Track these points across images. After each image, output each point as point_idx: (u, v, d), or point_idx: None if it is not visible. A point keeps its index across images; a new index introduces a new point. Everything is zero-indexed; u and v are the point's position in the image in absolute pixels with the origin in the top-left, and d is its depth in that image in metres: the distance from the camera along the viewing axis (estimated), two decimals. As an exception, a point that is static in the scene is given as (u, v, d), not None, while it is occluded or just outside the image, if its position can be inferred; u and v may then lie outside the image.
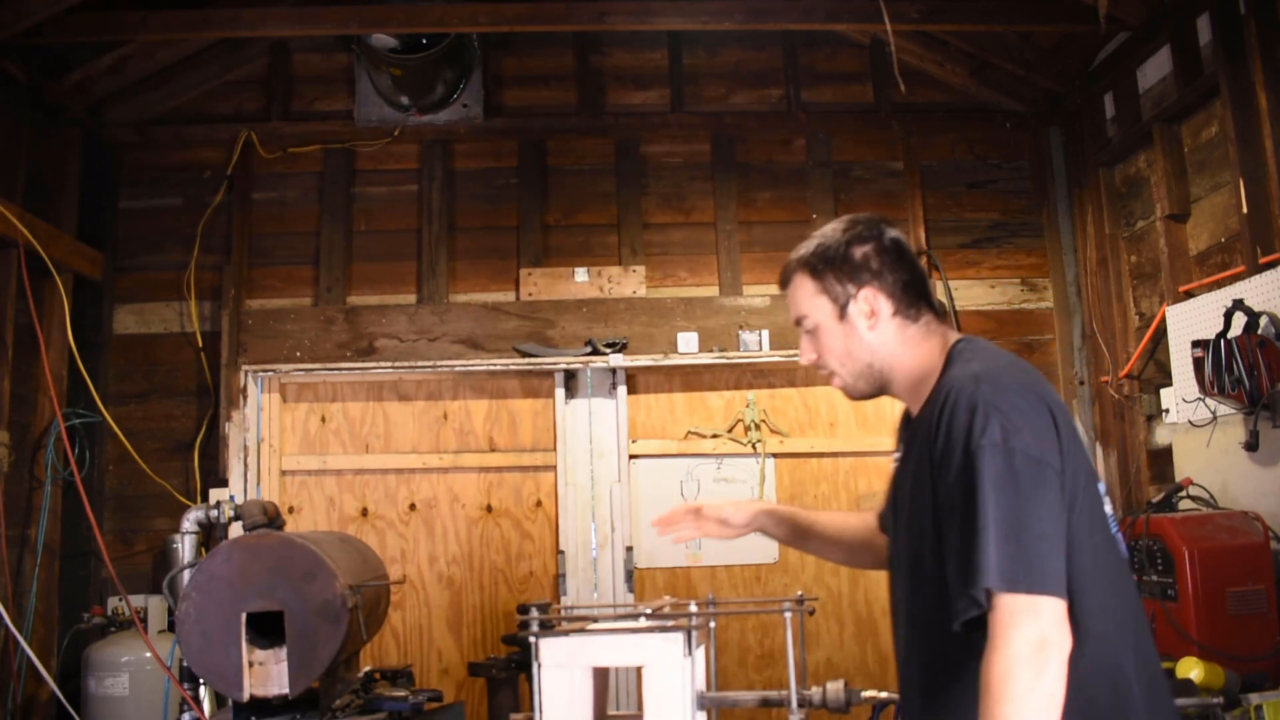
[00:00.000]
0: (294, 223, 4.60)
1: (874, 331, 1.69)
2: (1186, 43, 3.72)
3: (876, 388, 1.74)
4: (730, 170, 4.68)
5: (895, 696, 1.49)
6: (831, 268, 1.70)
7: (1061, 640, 1.38)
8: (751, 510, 2.06)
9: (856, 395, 1.77)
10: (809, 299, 1.72)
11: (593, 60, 4.78)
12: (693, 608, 1.58)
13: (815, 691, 1.47)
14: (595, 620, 1.63)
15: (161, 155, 4.61)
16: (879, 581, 4.49)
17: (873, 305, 1.68)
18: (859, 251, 1.69)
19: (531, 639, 1.44)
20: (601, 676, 1.55)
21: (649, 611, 1.65)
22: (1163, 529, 3.17)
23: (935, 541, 1.53)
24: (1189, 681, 2.78)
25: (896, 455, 1.79)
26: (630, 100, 4.78)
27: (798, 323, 1.77)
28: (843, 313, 1.70)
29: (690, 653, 1.40)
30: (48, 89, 4.11)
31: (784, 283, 1.79)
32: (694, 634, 1.43)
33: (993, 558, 1.40)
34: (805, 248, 1.75)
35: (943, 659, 1.55)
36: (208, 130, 4.60)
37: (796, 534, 2.07)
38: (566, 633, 1.47)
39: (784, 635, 1.50)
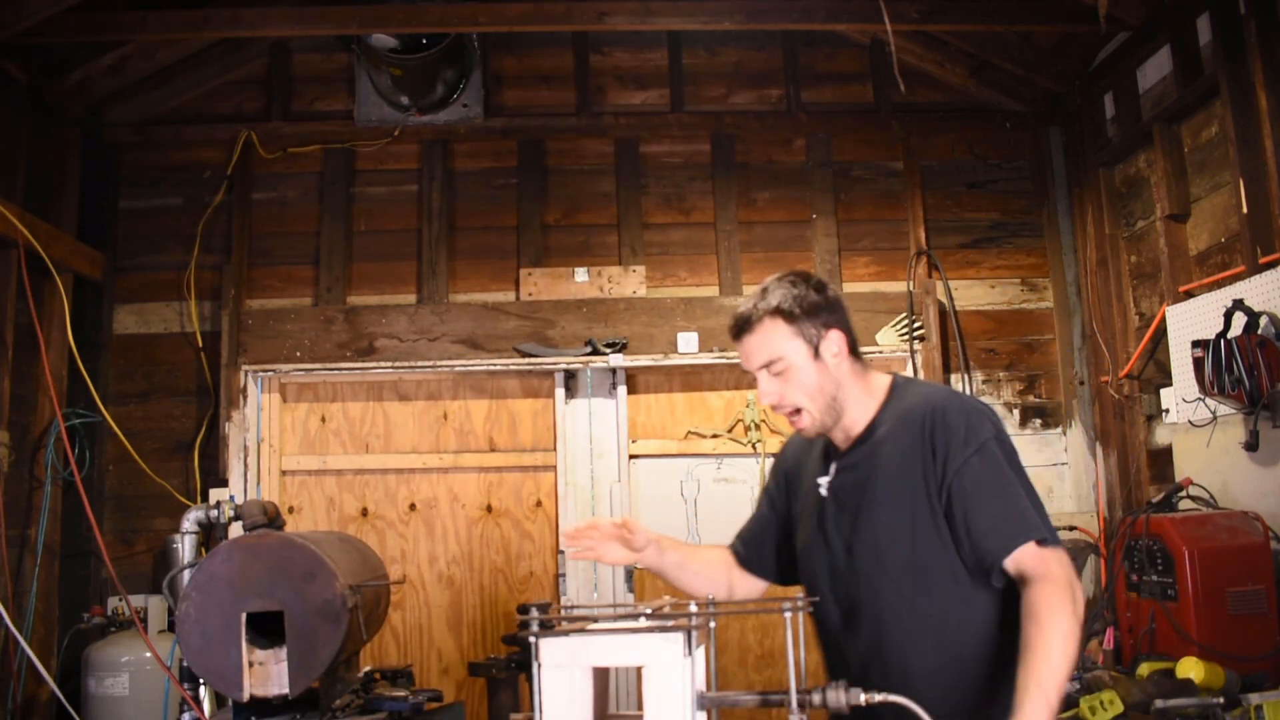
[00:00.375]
0: (294, 223, 4.60)
1: (839, 368, 1.94)
2: (1186, 43, 3.72)
3: (834, 419, 1.96)
4: (730, 170, 4.68)
5: (894, 697, 1.49)
6: (805, 312, 1.92)
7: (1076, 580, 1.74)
8: (650, 535, 2.12)
9: (816, 429, 1.97)
10: (785, 342, 1.92)
11: (592, 60, 4.78)
12: (693, 608, 1.57)
13: (815, 692, 1.47)
14: (595, 620, 1.63)
15: (161, 155, 4.61)
16: (879, 581, 4.48)
17: (838, 344, 1.94)
18: (822, 298, 1.94)
19: (532, 639, 1.44)
20: (602, 676, 1.55)
21: (649, 611, 1.65)
22: (1163, 529, 3.17)
23: (928, 532, 1.82)
24: (1189, 681, 2.78)
25: (826, 480, 2.00)
26: (630, 100, 4.78)
27: (765, 366, 1.93)
28: (816, 352, 1.92)
29: (690, 653, 1.40)
30: (48, 89, 4.11)
31: (743, 333, 1.95)
32: (694, 634, 1.43)
33: (1034, 517, 1.76)
34: (770, 300, 1.93)
35: (956, 621, 1.83)
36: (208, 130, 4.60)
37: (677, 565, 2.16)
38: (566, 633, 1.47)
39: (784, 635, 1.50)
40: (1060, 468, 4.57)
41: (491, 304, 4.46)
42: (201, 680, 2.82)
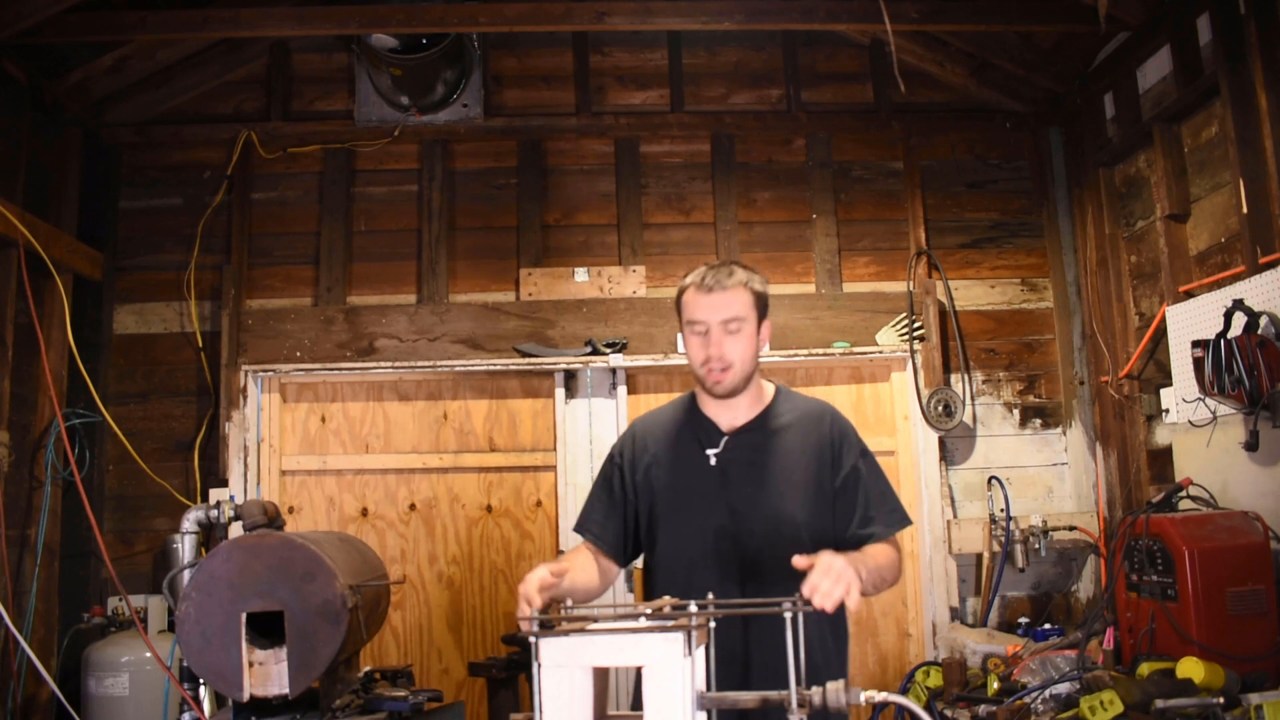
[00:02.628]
0: (294, 223, 4.60)
1: (762, 350, 2.35)
2: (1186, 43, 3.72)
3: (744, 387, 2.32)
4: (730, 170, 4.68)
5: (894, 697, 1.49)
6: (762, 298, 2.34)
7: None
8: (559, 569, 2.18)
9: (732, 389, 2.29)
10: (748, 308, 2.29)
11: (592, 60, 4.78)
12: (692, 607, 1.57)
13: (815, 692, 1.47)
14: (595, 620, 1.63)
15: (161, 155, 4.61)
16: (879, 581, 4.48)
17: (767, 334, 2.37)
18: (767, 295, 2.38)
19: (532, 639, 1.44)
20: (601, 676, 1.55)
21: (649, 611, 1.65)
22: (1163, 529, 3.17)
23: (821, 503, 2.29)
24: (1189, 681, 2.78)
25: (715, 452, 2.32)
26: (630, 100, 4.78)
27: (727, 321, 2.25)
28: (759, 327, 2.33)
29: (690, 652, 1.40)
30: (48, 89, 4.11)
31: (725, 285, 2.27)
32: (694, 634, 1.43)
33: (900, 505, 2.37)
34: (744, 274, 2.31)
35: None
36: (208, 130, 4.60)
37: (570, 579, 2.26)
38: (566, 633, 1.47)
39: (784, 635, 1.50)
40: (1060, 468, 4.57)
41: (491, 304, 4.46)
42: (201, 680, 2.82)
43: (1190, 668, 2.82)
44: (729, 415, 2.36)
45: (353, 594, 2.50)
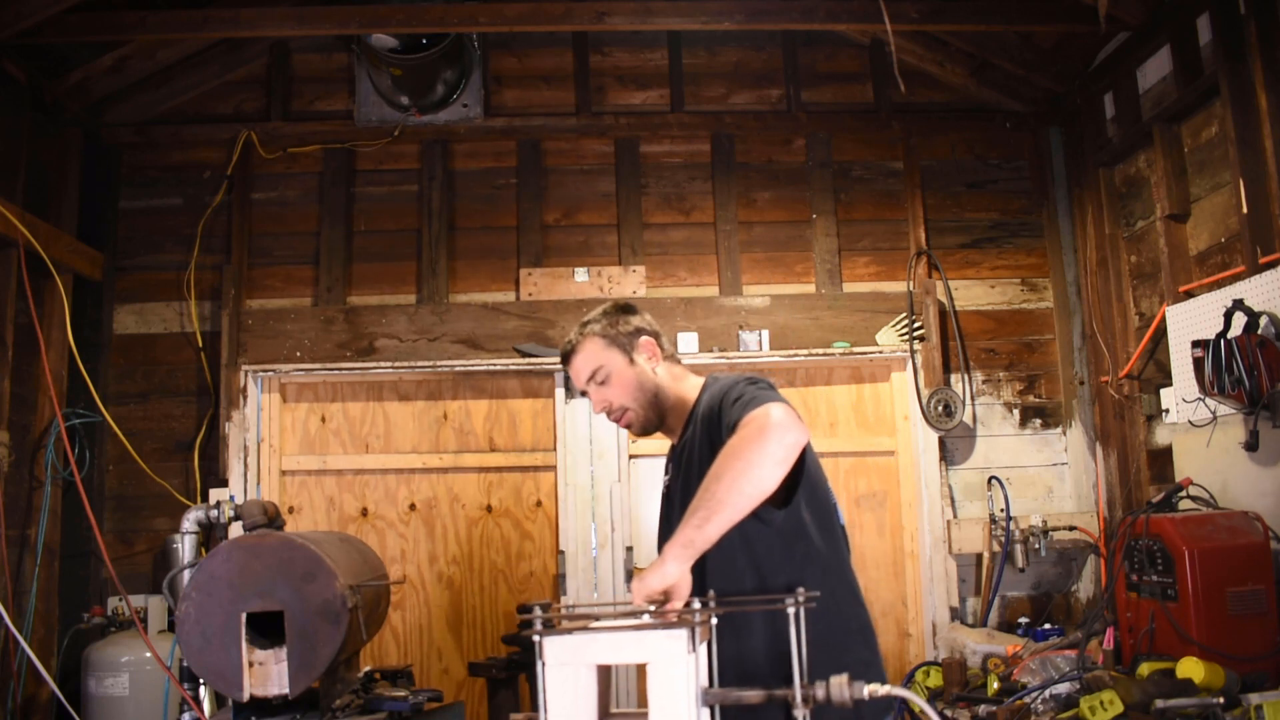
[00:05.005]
0: (294, 223, 4.60)
1: (654, 371, 2.23)
2: (1186, 43, 3.72)
3: (659, 415, 2.22)
4: (730, 170, 4.68)
5: (899, 691, 1.49)
6: (616, 328, 2.25)
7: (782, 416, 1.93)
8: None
9: (643, 426, 2.23)
10: (602, 353, 2.22)
11: (592, 60, 4.78)
12: (695, 604, 1.58)
13: (819, 687, 1.47)
14: (597, 619, 1.63)
15: (161, 155, 4.61)
16: (879, 581, 4.49)
17: (649, 350, 2.24)
18: (631, 317, 2.29)
19: (535, 638, 1.44)
20: (605, 674, 1.56)
21: (652, 609, 1.65)
22: (1163, 529, 3.17)
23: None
24: (1189, 681, 2.79)
25: (667, 479, 2.26)
26: (630, 100, 4.78)
27: (590, 379, 2.22)
28: (631, 358, 2.22)
29: (694, 649, 1.40)
30: (48, 89, 4.11)
31: (569, 358, 2.26)
32: (697, 631, 1.43)
33: (750, 394, 1.99)
34: (586, 326, 2.26)
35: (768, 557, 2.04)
36: (208, 130, 4.60)
37: None
38: (570, 631, 1.47)
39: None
40: (1060, 468, 4.57)
41: (491, 304, 4.46)
42: (201, 680, 2.82)
43: (1190, 668, 2.82)
44: (674, 437, 2.30)
45: (353, 594, 2.50)
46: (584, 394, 2.32)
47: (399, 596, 4.35)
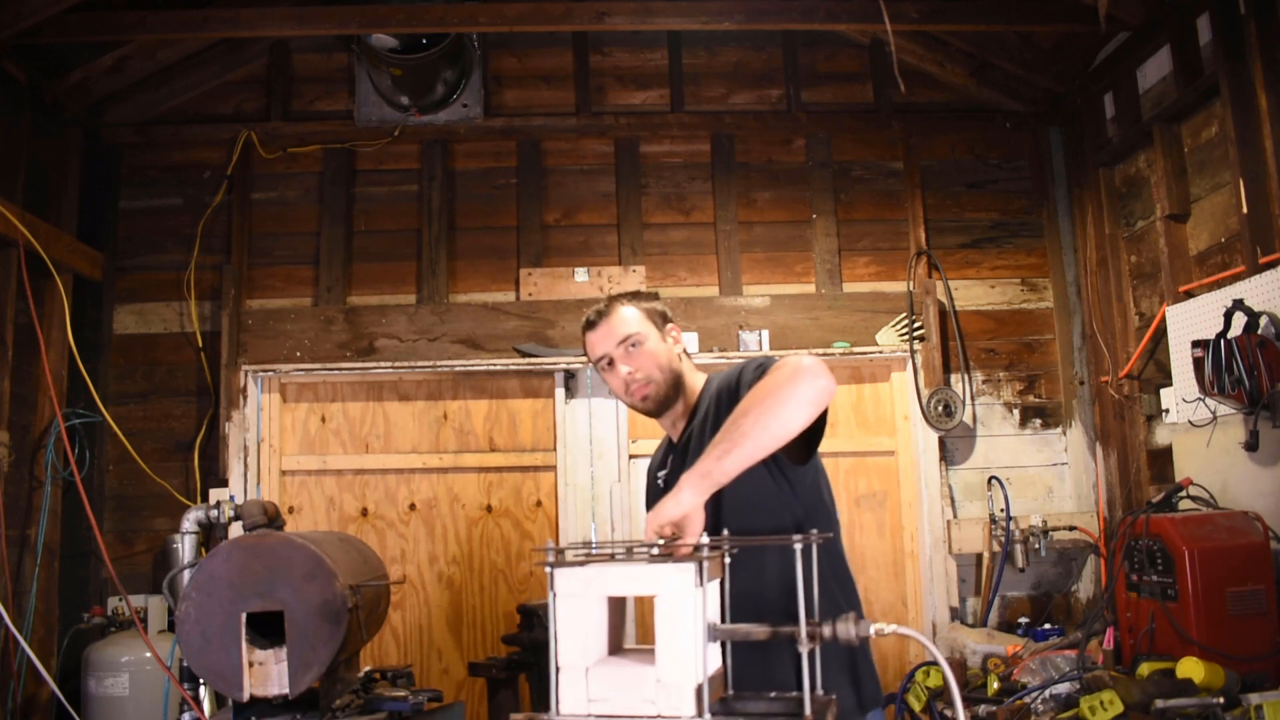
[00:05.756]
0: (294, 223, 4.60)
1: (678, 352, 2.27)
2: (1186, 43, 3.72)
3: (674, 394, 2.23)
4: (730, 170, 4.68)
5: (904, 629, 1.50)
6: (651, 305, 2.28)
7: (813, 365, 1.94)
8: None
9: (660, 402, 2.23)
10: (640, 321, 2.23)
11: (592, 60, 4.78)
12: (705, 539, 1.60)
13: (825, 624, 1.48)
14: (611, 557, 1.64)
15: (161, 155, 4.61)
16: (879, 581, 4.49)
17: (676, 336, 2.29)
18: (660, 303, 2.32)
19: (548, 569, 1.45)
20: (617, 609, 1.57)
21: (661, 542, 1.67)
22: (1163, 529, 3.17)
23: (747, 473, 1.84)
24: (1189, 681, 2.78)
25: (664, 473, 2.27)
26: (630, 100, 4.78)
27: (623, 343, 2.20)
28: (663, 333, 2.26)
29: (702, 583, 1.41)
30: (48, 89, 4.11)
31: (599, 321, 2.23)
32: (706, 565, 1.44)
33: (769, 358, 2.05)
34: (626, 298, 2.27)
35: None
36: (208, 130, 4.61)
37: None
38: (582, 563, 1.48)
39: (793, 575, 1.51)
40: (1060, 468, 4.57)
41: (491, 304, 4.46)
42: (201, 680, 2.82)
43: (1190, 668, 2.82)
44: (675, 431, 2.31)
45: (353, 594, 2.50)
46: (600, 365, 2.25)
47: (399, 596, 4.35)
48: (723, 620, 1.58)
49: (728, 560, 1.60)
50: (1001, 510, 4.36)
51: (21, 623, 3.70)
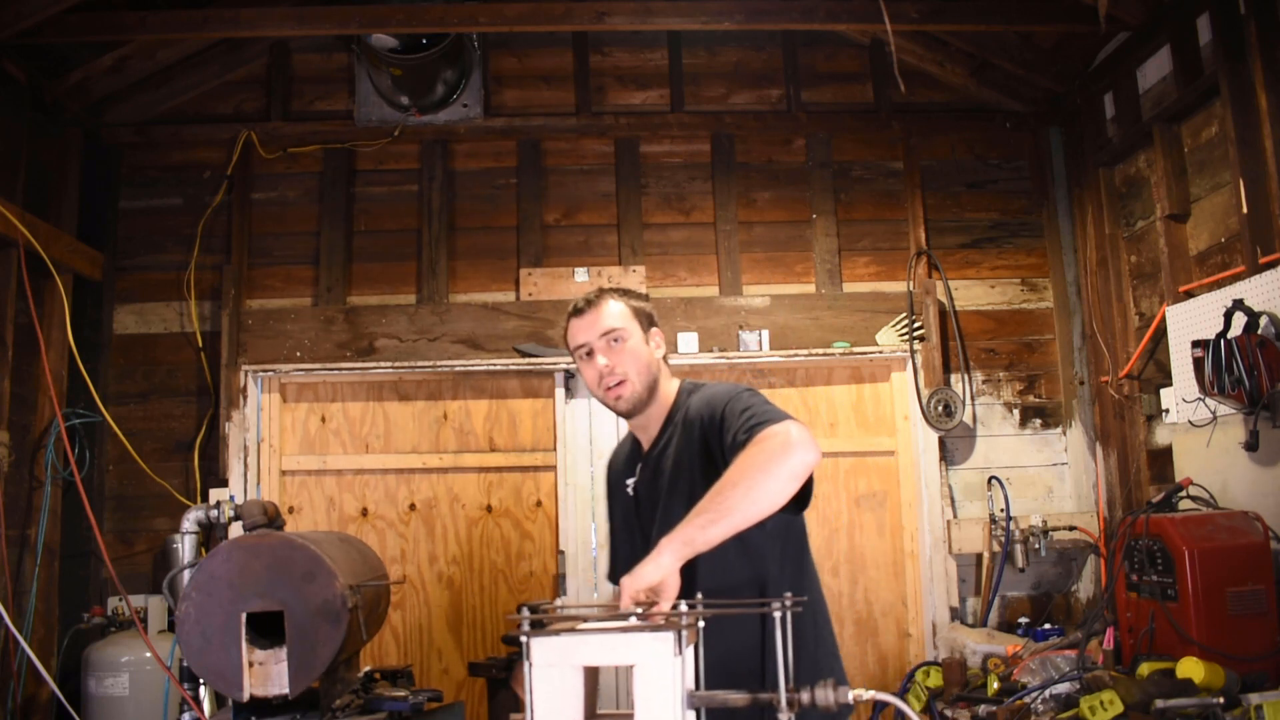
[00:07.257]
0: (294, 223, 4.60)
1: (659, 357, 2.27)
2: (1186, 43, 3.72)
3: (649, 398, 2.23)
4: (730, 170, 4.68)
5: (884, 695, 1.50)
6: (640, 305, 2.28)
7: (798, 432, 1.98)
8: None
9: (633, 403, 2.22)
10: (625, 318, 2.23)
11: (592, 60, 4.78)
12: (683, 607, 1.58)
13: (804, 691, 1.48)
14: (585, 620, 1.63)
15: (161, 155, 4.61)
16: (879, 581, 4.49)
17: (659, 341, 2.29)
18: (649, 304, 2.32)
19: (523, 638, 1.45)
20: (592, 675, 1.56)
21: (639, 611, 1.66)
22: (1163, 529, 3.17)
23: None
24: (1189, 681, 2.78)
25: (633, 481, 2.30)
26: (630, 100, 4.78)
27: (605, 335, 2.21)
28: (646, 336, 2.26)
29: (680, 652, 1.41)
30: (48, 89, 4.11)
31: (586, 308, 2.23)
32: (684, 633, 1.43)
33: (763, 411, 2.02)
34: (616, 293, 2.27)
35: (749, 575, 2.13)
36: (208, 130, 4.60)
37: None
38: (558, 632, 1.47)
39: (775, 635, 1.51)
40: (1060, 468, 4.57)
41: (491, 304, 4.46)
42: (201, 680, 2.82)
43: (1190, 668, 2.82)
44: (646, 436, 2.30)
45: (353, 594, 2.50)
46: (579, 354, 2.25)
47: (399, 596, 4.35)
48: (698, 679, 1.57)
49: (701, 625, 1.60)
50: (1001, 510, 4.36)
51: (21, 623, 3.70)
